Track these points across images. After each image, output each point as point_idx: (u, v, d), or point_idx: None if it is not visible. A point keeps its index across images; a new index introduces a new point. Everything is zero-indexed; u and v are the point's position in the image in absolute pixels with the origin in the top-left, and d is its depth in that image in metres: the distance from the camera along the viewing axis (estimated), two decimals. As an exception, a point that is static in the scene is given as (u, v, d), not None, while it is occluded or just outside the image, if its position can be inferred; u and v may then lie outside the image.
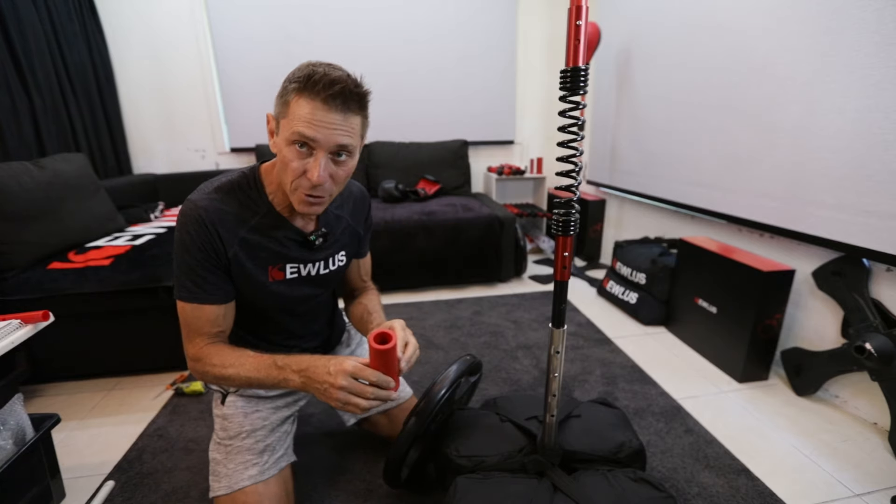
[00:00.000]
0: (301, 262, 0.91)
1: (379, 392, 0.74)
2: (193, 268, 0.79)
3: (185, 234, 0.78)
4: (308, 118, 0.69)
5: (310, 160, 0.73)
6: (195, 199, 0.80)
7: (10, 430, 0.98)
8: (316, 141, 0.71)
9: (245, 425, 0.96)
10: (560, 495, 0.83)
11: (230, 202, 0.82)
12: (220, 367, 0.80)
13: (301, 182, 0.74)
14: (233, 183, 0.84)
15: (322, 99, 0.69)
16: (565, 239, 0.76)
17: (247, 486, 0.90)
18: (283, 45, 2.91)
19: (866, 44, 1.27)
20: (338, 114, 0.70)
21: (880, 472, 1.19)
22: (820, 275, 1.48)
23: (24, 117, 2.08)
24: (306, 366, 0.77)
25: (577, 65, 0.67)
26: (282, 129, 0.73)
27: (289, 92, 0.71)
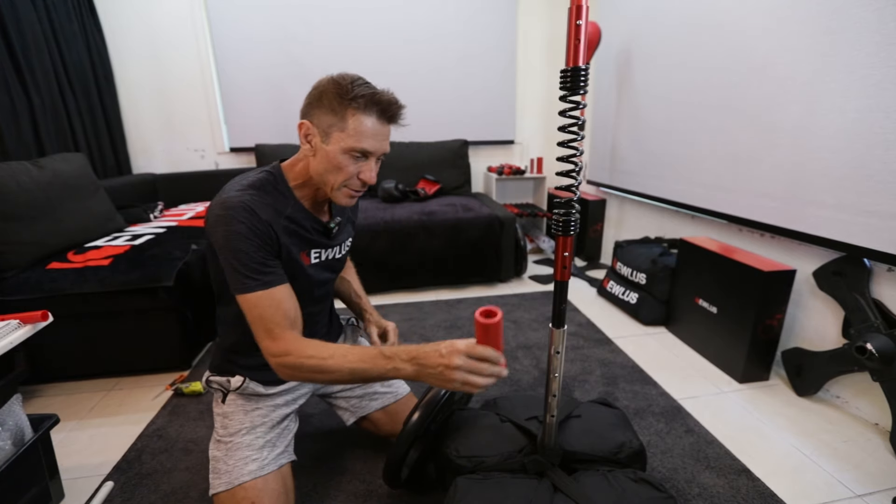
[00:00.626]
0: (322, 247, 0.98)
1: (493, 368, 0.75)
2: (254, 255, 0.80)
3: (237, 224, 0.79)
4: (370, 134, 0.81)
5: (362, 164, 0.85)
6: (234, 195, 0.82)
7: (9, 430, 0.98)
8: (373, 152, 0.84)
9: (245, 422, 0.97)
10: (560, 496, 0.82)
11: (265, 196, 0.86)
12: (318, 359, 0.79)
13: (351, 182, 0.86)
14: (262, 180, 0.88)
15: (382, 119, 0.83)
16: (565, 239, 0.76)
17: (246, 481, 0.91)
18: (283, 45, 2.91)
19: (867, 43, 1.27)
20: (386, 127, 0.85)
21: (881, 472, 1.19)
22: (821, 275, 1.48)
23: (23, 117, 2.07)
24: (416, 353, 0.77)
25: (577, 65, 0.67)
26: (336, 139, 0.81)
27: (345, 107, 0.79)
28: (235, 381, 0.99)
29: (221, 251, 0.81)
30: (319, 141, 0.83)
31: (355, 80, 0.80)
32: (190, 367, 1.75)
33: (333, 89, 0.80)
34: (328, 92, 0.80)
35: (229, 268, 0.81)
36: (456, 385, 0.74)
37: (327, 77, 0.82)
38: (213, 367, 1.05)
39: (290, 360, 0.79)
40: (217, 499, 0.92)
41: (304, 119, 0.84)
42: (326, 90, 0.80)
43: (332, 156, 0.82)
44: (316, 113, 0.82)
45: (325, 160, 0.84)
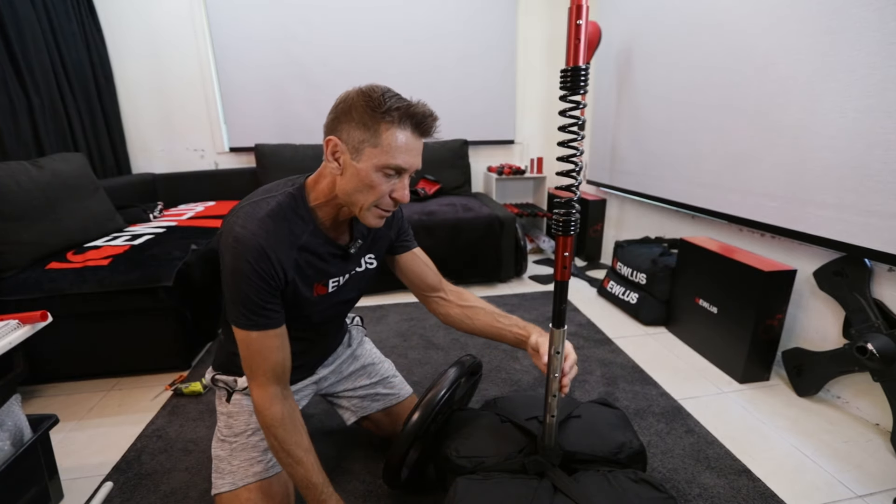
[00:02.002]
0: (339, 274, 0.93)
1: None
2: (252, 297, 0.78)
3: (243, 263, 0.76)
4: (404, 150, 0.76)
5: (395, 182, 0.79)
6: (250, 229, 0.78)
7: (8, 430, 0.98)
8: (407, 168, 0.79)
9: (251, 423, 0.97)
10: (560, 496, 0.82)
11: (282, 227, 0.81)
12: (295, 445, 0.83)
13: (383, 201, 0.80)
14: (282, 207, 0.82)
15: (417, 132, 0.78)
16: (565, 239, 0.76)
17: (251, 482, 0.91)
18: (283, 45, 2.90)
19: (867, 43, 1.27)
20: (419, 141, 0.80)
21: (882, 473, 1.18)
22: (821, 275, 1.47)
23: (23, 117, 2.07)
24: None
25: (577, 64, 0.67)
26: (367, 155, 0.76)
27: (378, 121, 0.74)
28: (242, 381, 0.98)
29: (225, 279, 0.80)
30: (349, 158, 0.77)
31: (386, 91, 0.75)
32: (189, 368, 1.74)
33: (364, 102, 0.74)
34: (358, 105, 0.74)
35: (230, 298, 0.80)
36: None
37: (355, 90, 0.76)
38: (218, 365, 1.04)
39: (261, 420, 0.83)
40: (220, 499, 0.92)
41: (332, 135, 0.78)
42: (356, 103, 0.75)
43: (363, 174, 0.76)
44: (344, 128, 0.76)
45: (355, 178, 0.77)
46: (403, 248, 1.06)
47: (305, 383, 1.09)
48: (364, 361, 1.22)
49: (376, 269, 1.03)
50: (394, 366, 1.30)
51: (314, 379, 1.11)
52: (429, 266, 1.10)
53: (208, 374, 1.05)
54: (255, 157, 2.94)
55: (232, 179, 3.00)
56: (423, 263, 1.08)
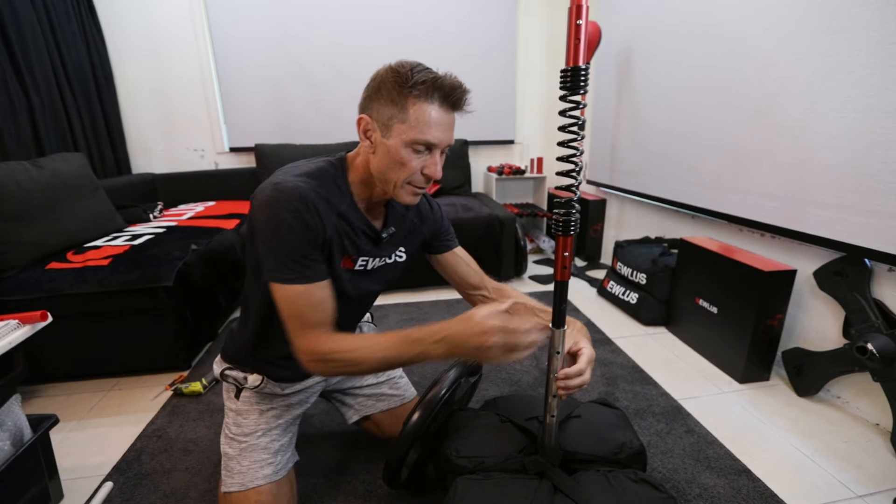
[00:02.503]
0: (369, 255, 0.90)
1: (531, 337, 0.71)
2: (299, 247, 0.75)
3: (285, 213, 0.73)
4: (434, 124, 0.75)
5: (426, 158, 0.78)
6: (289, 181, 0.75)
7: (8, 430, 0.98)
8: (437, 143, 0.77)
9: (261, 423, 0.96)
10: (560, 496, 0.82)
11: (322, 188, 0.79)
12: (346, 353, 0.76)
13: (415, 178, 0.79)
14: (322, 170, 0.82)
15: (445, 105, 0.75)
16: (565, 239, 0.76)
17: (262, 485, 0.91)
18: (283, 45, 2.90)
19: (867, 43, 1.27)
20: (450, 115, 0.77)
21: (882, 473, 1.18)
22: (821, 275, 1.47)
23: (23, 117, 2.07)
24: (446, 333, 0.72)
25: (577, 64, 0.67)
26: (397, 131, 0.75)
27: (405, 96, 0.73)
28: (253, 379, 0.96)
29: (264, 234, 0.75)
30: (379, 136, 0.77)
31: (415, 66, 0.74)
32: (189, 368, 1.74)
33: (392, 78, 0.74)
34: (387, 81, 0.74)
35: (270, 253, 0.75)
36: (495, 361, 0.71)
37: (385, 66, 0.76)
38: (229, 356, 1.01)
39: (317, 357, 0.77)
40: (229, 497, 0.92)
41: (363, 113, 0.78)
42: (385, 80, 0.75)
43: (393, 150, 0.76)
44: (375, 106, 0.76)
45: (386, 156, 0.77)
46: (445, 247, 1.06)
47: (316, 379, 1.08)
48: None
49: (405, 264, 1.01)
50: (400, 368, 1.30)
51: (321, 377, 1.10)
52: (470, 266, 1.09)
53: (217, 366, 1.03)
54: (255, 157, 2.93)
55: (232, 179, 3.00)
56: (465, 263, 1.08)
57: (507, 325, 0.69)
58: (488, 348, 0.69)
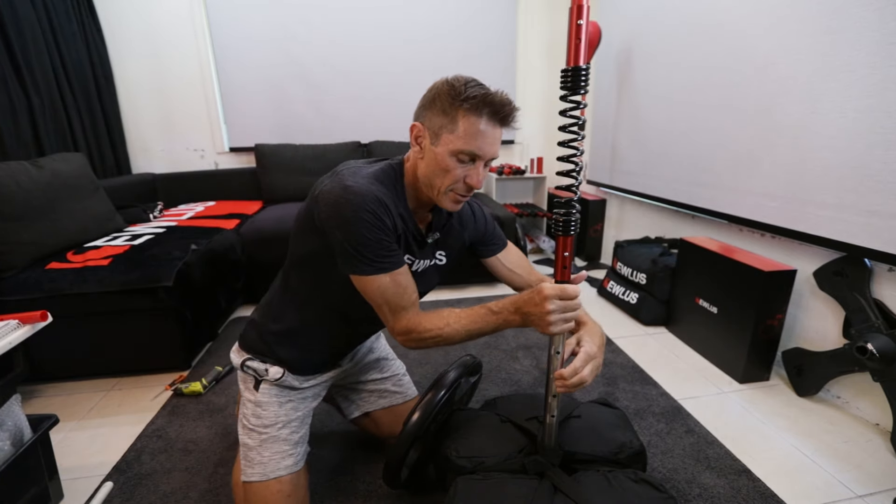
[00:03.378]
0: (414, 256, 0.94)
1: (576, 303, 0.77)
2: (382, 240, 0.79)
3: (365, 213, 0.77)
4: (480, 136, 0.79)
5: (470, 168, 0.82)
6: (361, 184, 0.80)
7: (8, 430, 0.98)
8: (481, 155, 0.81)
9: (280, 415, 0.98)
10: (560, 496, 0.82)
11: (385, 190, 0.84)
12: (436, 330, 0.83)
13: (458, 186, 0.84)
14: (385, 174, 0.87)
15: (493, 120, 0.80)
16: (565, 239, 0.76)
17: (283, 475, 0.94)
18: (283, 45, 2.90)
19: (867, 43, 1.27)
20: (497, 129, 0.81)
21: (882, 473, 1.18)
22: (821, 275, 1.47)
23: (23, 117, 2.07)
24: (519, 303, 0.79)
25: (577, 64, 0.67)
26: (445, 140, 0.80)
27: (455, 108, 0.78)
28: (274, 371, 0.98)
29: (345, 234, 0.78)
30: (429, 143, 0.82)
31: (469, 81, 0.79)
32: (190, 368, 1.74)
33: (447, 90, 0.79)
34: (442, 93, 0.79)
35: (350, 251, 0.79)
36: (554, 328, 0.76)
37: (442, 79, 0.81)
38: (248, 346, 1.02)
39: (413, 336, 0.83)
40: (249, 487, 0.94)
41: (417, 121, 0.84)
42: (440, 92, 0.80)
43: (440, 158, 0.81)
44: (428, 115, 0.82)
45: (433, 162, 0.83)
46: (489, 252, 1.10)
47: (329, 375, 1.09)
48: (379, 355, 1.24)
49: (445, 267, 1.04)
50: (404, 365, 1.31)
51: (336, 372, 1.11)
52: (514, 270, 1.12)
53: (236, 357, 1.03)
54: (255, 157, 2.93)
55: (232, 179, 3.00)
56: (508, 269, 1.11)
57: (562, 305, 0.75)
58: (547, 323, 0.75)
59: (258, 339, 1.00)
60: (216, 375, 1.64)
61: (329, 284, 0.90)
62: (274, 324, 0.99)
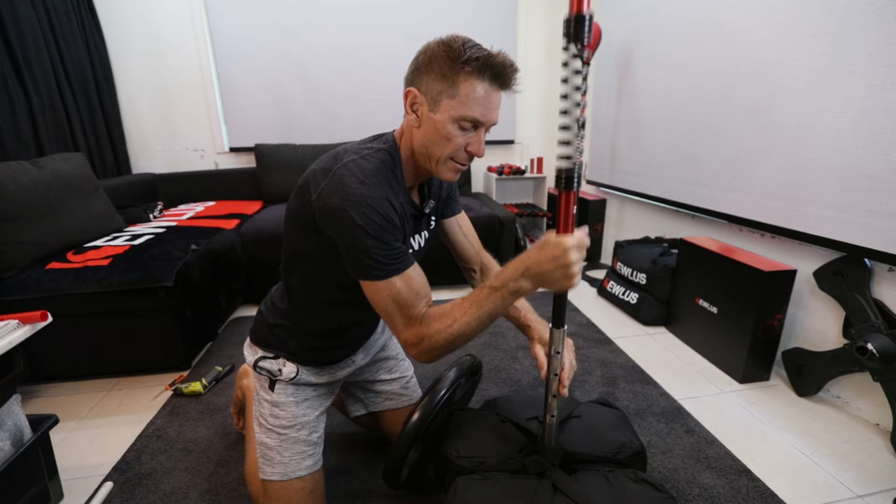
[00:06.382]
0: (413, 234, 0.90)
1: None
2: (391, 243, 0.75)
3: (373, 216, 0.73)
4: (483, 101, 0.74)
5: (471, 135, 0.78)
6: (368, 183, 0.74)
7: (8, 431, 0.98)
8: (484, 121, 0.76)
9: (299, 416, 0.98)
10: (560, 496, 0.82)
11: (385, 184, 0.78)
12: (447, 328, 0.75)
13: (459, 154, 0.79)
14: (385, 166, 0.80)
15: (496, 84, 0.74)
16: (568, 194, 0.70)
17: (304, 475, 0.96)
18: (283, 45, 2.90)
19: (867, 43, 1.27)
20: (499, 94, 0.76)
21: (882, 473, 1.18)
22: (821, 275, 1.47)
23: (23, 117, 2.07)
24: (525, 266, 0.71)
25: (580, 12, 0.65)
26: (445, 107, 0.75)
27: (456, 72, 0.73)
28: (288, 371, 0.96)
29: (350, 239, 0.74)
30: (427, 110, 0.77)
31: (467, 41, 0.73)
32: (190, 367, 1.74)
33: (444, 52, 0.73)
34: (438, 56, 0.74)
35: (360, 256, 0.74)
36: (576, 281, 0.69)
37: (436, 40, 0.76)
38: (259, 339, 1.00)
39: (424, 346, 0.77)
40: (269, 485, 0.95)
41: (411, 86, 0.78)
42: (436, 54, 0.74)
43: (440, 125, 0.76)
44: (424, 79, 0.76)
45: (432, 130, 0.77)
46: (451, 212, 1.05)
47: (344, 373, 1.07)
48: (389, 353, 1.23)
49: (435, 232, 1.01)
50: (412, 367, 1.29)
51: (351, 370, 1.09)
52: (468, 237, 1.07)
53: (249, 354, 1.00)
54: (255, 157, 2.94)
55: (232, 179, 3.00)
56: (463, 234, 1.05)
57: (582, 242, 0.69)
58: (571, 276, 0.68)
59: (269, 332, 0.99)
60: (216, 375, 1.64)
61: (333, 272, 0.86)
62: (280, 318, 0.97)
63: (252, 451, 1.04)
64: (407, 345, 0.79)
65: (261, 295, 1.07)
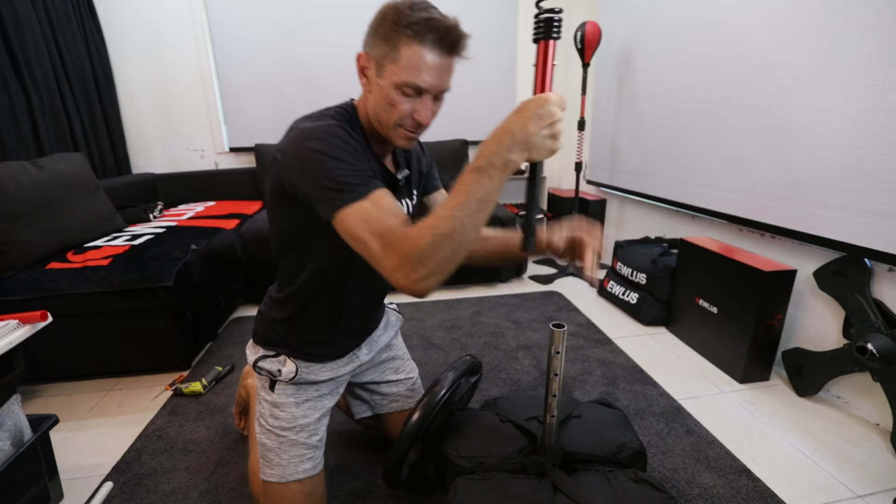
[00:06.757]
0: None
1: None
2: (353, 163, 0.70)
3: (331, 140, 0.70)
4: (423, 67, 0.71)
5: (416, 101, 0.75)
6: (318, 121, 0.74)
7: (8, 431, 0.98)
8: (427, 88, 0.73)
9: (299, 417, 0.97)
10: (560, 496, 0.82)
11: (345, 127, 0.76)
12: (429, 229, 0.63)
13: (406, 121, 0.76)
14: (339, 113, 0.80)
15: (438, 48, 0.71)
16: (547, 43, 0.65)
17: (302, 478, 0.95)
18: (283, 45, 2.90)
19: (867, 43, 1.27)
20: (444, 59, 0.73)
21: (882, 473, 1.18)
22: (821, 275, 1.47)
23: (23, 117, 2.07)
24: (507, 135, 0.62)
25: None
26: (389, 72, 0.72)
27: (398, 35, 0.70)
28: (287, 371, 0.94)
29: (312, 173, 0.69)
30: (374, 74, 0.75)
31: (417, 4, 0.70)
32: (190, 368, 1.74)
33: (391, 15, 0.71)
34: (386, 18, 0.72)
35: (324, 185, 0.68)
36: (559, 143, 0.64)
37: (390, 2, 0.73)
38: (260, 337, 1.00)
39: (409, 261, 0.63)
40: (269, 486, 0.95)
41: (364, 50, 0.77)
42: (385, 16, 0.72)
43: (385, 91, 0.74)
44: (372, 42, 0.74)
45: (379, 96, 0.75)
46: (433, 186, 1.03)
47: (348, 369, 1.05)
48: (395, 353, 1.21)
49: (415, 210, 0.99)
50: (417, 368, 1.28)
51: (353, 367, 1.06)
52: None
53: (250, 354, 1.00)
54: (254, 157, 2.93)
55: (232, 179, 2.99)
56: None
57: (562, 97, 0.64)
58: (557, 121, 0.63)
59: (268, 329, 0.98)
60: (216, 375, 1.64)
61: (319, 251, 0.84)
62: (279, 311, 0.95)
63: (254, 451, 1.04)
64: (390, 272, 0.65)
65: (261, 295, 1.07)
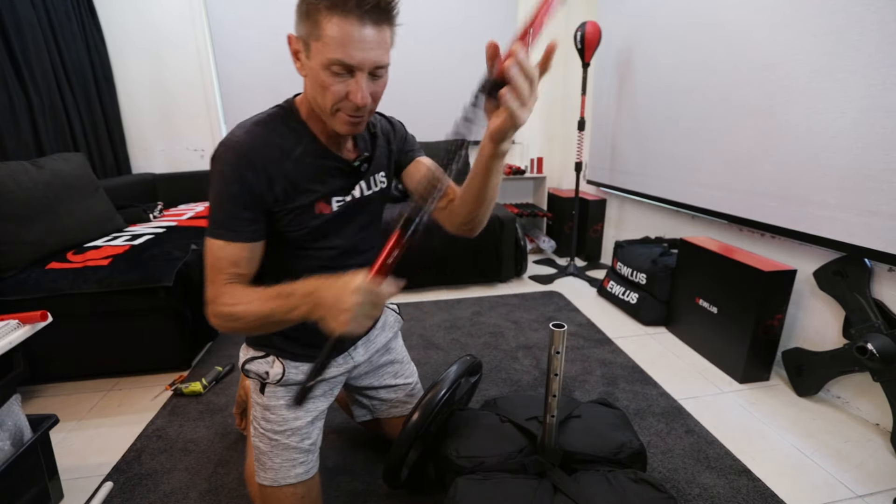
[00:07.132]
0: (345, 192, 0.85)
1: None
2: (227, 202, 0.72)
3: (223, 166, 0.72)
4: (345, 41, 0.64)
5: (350, 81, 0.69)
6: (235, 135, 0.74)
7: (8, 431, 0.98)
8: (356, 65, 0.67)
9: (290, 420, 0.95)
10: (560, 496, 0.82)
11: (272, 136, 0.75)
12: (230, 306, 0.72)
13: (344, 104, 0.71)
14: (271, 115, 0.78)
15: (357, 16, 0.64)
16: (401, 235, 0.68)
17: (294, 483, 0.94)
18: (283, 45, 2.88)
19: (867, 43, 1.27)
20: (373, 29, 0.66)
21: (882, 473, 1.18)
22: (821, 275, 1.47)
23: (23, 117, 2.07)
24: (313, 288, 0.66)
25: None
26: (314, 52, 0.67)
27: (317, 10, 0.64)
28: (274, 374, 0.93)
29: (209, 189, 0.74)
30: (305, 56, 0.70)
31: None
32: (190, 367, 1.74)
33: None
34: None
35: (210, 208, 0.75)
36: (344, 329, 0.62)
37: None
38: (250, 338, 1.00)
39: (212, 308, 0.74)
40: (263, 488, 0.95)
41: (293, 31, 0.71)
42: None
43: (315, 73, 0.68)
44: (297, 20, 0.69)
45: (311, 79, 0.70)
46: (409, 158, 0.99)
47: (341, 370, 1.03)
48: (394, 357, 1.17)
49: (388, 190, 0.97)
50: (417, 372, 1.25)
51: (348, 367, 1.04)
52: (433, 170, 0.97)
53: (241, 355, 0.99)
54: (255, 157, 2.93)
55: (232, 179, 2.99)
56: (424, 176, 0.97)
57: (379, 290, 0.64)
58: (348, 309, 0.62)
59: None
60: (216, 375, 1.64)
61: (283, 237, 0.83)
62: None
63: (251, 453, 1.04)
64: (206, 302, 0.75)
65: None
